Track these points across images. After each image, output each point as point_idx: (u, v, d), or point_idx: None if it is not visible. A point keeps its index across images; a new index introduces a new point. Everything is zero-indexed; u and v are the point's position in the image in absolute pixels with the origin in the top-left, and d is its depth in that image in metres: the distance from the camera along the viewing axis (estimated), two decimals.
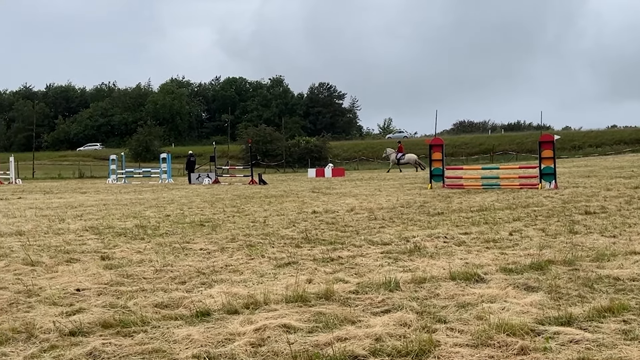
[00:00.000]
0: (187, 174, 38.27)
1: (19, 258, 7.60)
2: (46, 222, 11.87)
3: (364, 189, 22.48)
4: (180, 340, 4.17)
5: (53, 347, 4.07)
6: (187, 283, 6.07)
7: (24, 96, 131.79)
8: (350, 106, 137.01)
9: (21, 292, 5.74)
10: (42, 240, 9.32)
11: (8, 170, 39.29)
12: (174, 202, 17.82)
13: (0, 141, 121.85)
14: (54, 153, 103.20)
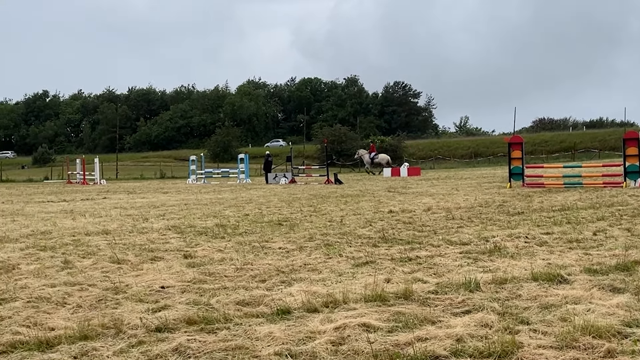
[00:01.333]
0: (265, 174, 38.78)
1: (106, 256, 7.88)
2: (130, 221, 12.26)
3: (440, 188, 22.26)
4: (262, 337, 4.24)
5: (140, 343, 4.21)
6: (267, 281, 6.16)
7: (108, 99, 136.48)
8: (426, 105, 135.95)
9: (109, 289, 5.95)
10: (127, 239, 9.62)
11: (93, 172, 40.73)
12: (252, 201, 18.10)
13: (85, 143, 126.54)
14: (136, 154, 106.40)
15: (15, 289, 5.94)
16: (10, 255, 8.01)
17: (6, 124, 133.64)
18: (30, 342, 4.24)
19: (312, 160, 69.84)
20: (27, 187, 33.76)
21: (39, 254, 8.14)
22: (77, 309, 5.19)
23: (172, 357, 3.91)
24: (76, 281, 6.32)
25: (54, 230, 10.78)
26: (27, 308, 5.23)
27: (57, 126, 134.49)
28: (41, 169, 76.08)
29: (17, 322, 4.76)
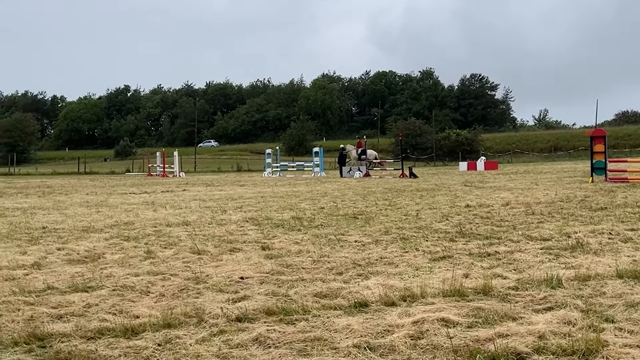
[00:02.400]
0: (339, 168, 38.86)
1: (186, 247, 8.07)
2: (209, 213, 12.51)
3: (519, 183, 21.80)
4: (340, 329, 4.26)
5: (222, 332, 4.29)
6: (344, 274, 6.18)
7: (186, 94, 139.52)
8: (503, 97, 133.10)
9: (190, 278, 6.10)
10: (207, 230, 9.82)
11: (173, 164, 41.72)
12: (327, 194, 18.18)
13: (164, 136, 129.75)
14: (213, 148, 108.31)
15: (102, 278, 6.16)
16: (96, 245, 8.31)
17: (90, 118, 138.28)
18: (116, 329, 4.39)
19: (387, 154, 69.51)
20: (110, 179, 34.88)
21: (122, 244, 8.40)
22: (160, 298, 5.34)
23: (253, 346, 3.98)
24: (159, 271, 6.50)
25: (137, 221, 11.10)
26: (113, 296, 5.41)
27: (138, 120, 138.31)
28: (122, 162, 78.49)
29: (104, 310, 4.94)
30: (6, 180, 34.08)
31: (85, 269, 6.68)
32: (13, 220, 11.54)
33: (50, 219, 11.56)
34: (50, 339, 4.19)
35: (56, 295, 5.43)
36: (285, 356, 3.79)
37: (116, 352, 3.93)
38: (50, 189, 22.76)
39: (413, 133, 78.20)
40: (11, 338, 4.19)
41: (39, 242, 8.72)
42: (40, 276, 6.27)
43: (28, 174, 48.67)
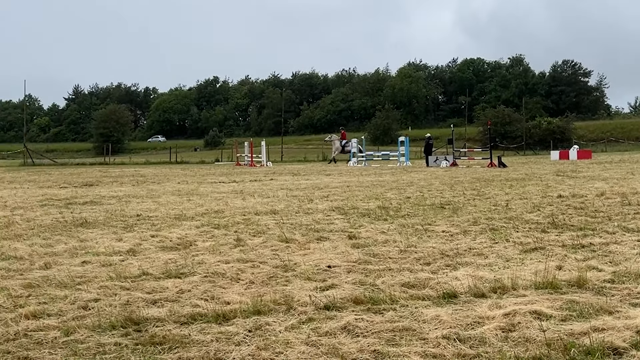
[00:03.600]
0: (425, 157, 38.48)
1: (274, 235, 8.18)
2: (296, 202, 12.63)
3: (614, 172, 21.00)
4: (429, 320, 4.23)
5: (310, 320, 4.33)
6: (431, 264, 6.12)
7: (273, 84, 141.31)
8: (597, 84, 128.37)
9: (279, 266, 6.18)
10: (294, 219, 9.92)
11: (260, 154, 42.33)
12: (413, 184, 18.03)
13: (252, 127, 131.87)
14: (299, 137, 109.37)
15: (193, 264, 6.32)
16: (188, 233, 8.53)
17: (180, 109, 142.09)
18: (208, 314, 4.50)
19: (474, 143, 68.35)
20: (200, 169, 35.73)
21: (213, 232, 8.60)
22: (249, 285, 5.43)
23: (341, 334, 4.00)
24: (248, 258, 6.61)
25: (226, 210, 11.33)
26: (205, 282, 5.54)
27: (227, 110, 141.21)
28: (212, 152, 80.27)
29: (196, 296, 5.06)
30: (102, 169, 35.48)
31: (177, 255, 6.88)
32: (109, 208, 11.99)
33: (144, 207, 11.95)
34: (145, 323, 4.34)
35: (150, 281, 5.62)
36: (373, 345, 3.78)
37: (208, 337, 4.02)
38: (144, 178, 23.51)
39: (502, 121, 76.62)
40: (109, 322, 4.36)
41: (134, 229, 9.02)
42: (136, 262, 6.49)
43: (122, 163, 50.46)
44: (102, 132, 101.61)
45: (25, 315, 4.53)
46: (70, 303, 4.88)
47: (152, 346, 3.89)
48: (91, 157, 78.39)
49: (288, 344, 3.85)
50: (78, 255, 6.96)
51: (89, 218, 10.28)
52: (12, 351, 3.83)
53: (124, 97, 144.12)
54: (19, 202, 13.38)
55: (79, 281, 5.65)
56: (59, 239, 8.18)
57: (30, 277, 5.83)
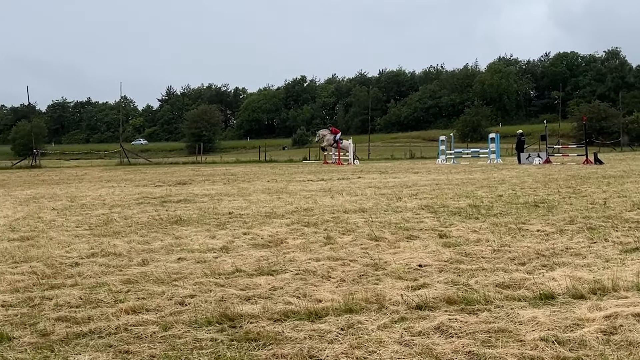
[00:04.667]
0: (517, 154, 37.57)
1: (364, 233, 8.16)
2: (385, 200, 12.57)
3: None
4: (525, 321, 4.11)
5: (403, 319, 4.30)
6: (527, 264, 5.96)
7: (360, 82, 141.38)
8: None
9: (369, 265, 6.16)
10: (383, 217, 9.88)
11: (347, 152, 42.39)
12: (504, 182, 17.64)
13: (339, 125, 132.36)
14: (386, 135, 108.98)
15: (285, 262, 6.39)
16: (279, 230, 8.63)
17: (269, 108, 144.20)
18: (300, 312, 4.53)
19: (568, 139, 66.26)
20: (289, 167, 36.13)
21: (303, 230, 8.66)
22: (340, 283, 5.44)
23: (435, 335, 3.94)
24: (338, 256, 6.63)
25: (315, 208, 11.40)
26: (296, 280, 5.59)
27: (314, 109, 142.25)
28: (299, 150, 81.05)
29: (288, 293, 5.11)
30: (194, 168, 36.40)
31: (269, 253, 6.97)
32: (202, 206, 12.28)
33: (235, 205, 12.18)
34: (240, 319, 4.41)
35: (244, 278, 5.71)
36: (468, 346, 3.72)
37: (301, 334, 4.05)
38: (234, 177, 23.97)
39: (597, 117, 73.99)
40: (205, 317, 4.45)
41: (226, 226, 9.21)
42: (229, 259, 6.62)
43: (213, 162, 51.61)
44: (193, 131, 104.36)
45: (125, 310, 4.69)
46: (168, 299, 5.02)
47: (247, 342, 3.95)
48: (183, 156, 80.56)
49: (381, 343, 3.83)
50: (174, 252, 7.16)
51: (183, 216, 10.56)
52: (114, 345, 3.97)
53: (214, 98, 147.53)
54: (117, 200, 13.89)
55: (175, 277, 5.81)
56: (155, 236, 8.44)
57: (129, 273, 6.03)
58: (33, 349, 3.91)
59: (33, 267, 6.42)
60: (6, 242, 8.18)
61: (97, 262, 6.64)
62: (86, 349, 3.89)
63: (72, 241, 8.08)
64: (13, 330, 4.28)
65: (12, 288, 5.54)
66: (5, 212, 11.82)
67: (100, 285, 5.54)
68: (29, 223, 10.11)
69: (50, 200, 14.41)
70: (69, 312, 4.69)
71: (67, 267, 6.43)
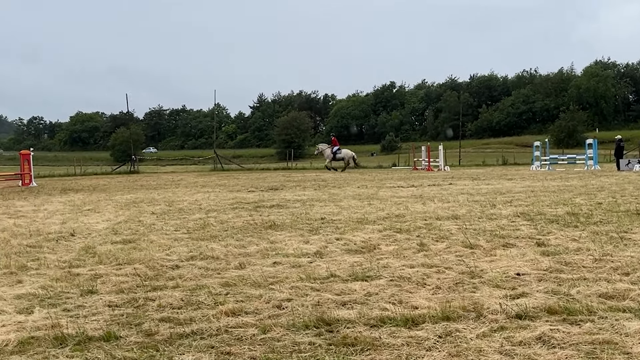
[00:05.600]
0: (616, 160, 36.17)
1: (458, 240, 8.06)
2: (478, 207, 12.37)
3: None
4: (632, 333, 3.97)
5: (502, 328, 4.22)
6: (631, 275, 5.74)
7: (450, 87, 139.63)
8: None
9: (464, 272, 6.08)
10: (477, 224, 9.72)
11: (437, 158, 41.95)
12: (604, 189, 17.02)
13: (428, 131, 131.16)
14: (477, 141, 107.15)
15: (379, 268, 6.39)
16: (371, 236, 8.64)
17: (358, 114, 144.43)
18: (396, 318, 4.52)
19: None
20: (378, 173, 36.04)
21: (395, 236, 8.64)
22: (436, 290, 5.40)
23: (536, 345, 3.86)
24: (432, 263, 6.57)
25: (407, 214, 11.34)
26: (391, 286, 5.58)
27: (403, 115, 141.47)
28: (388, 156, 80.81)
29: (384, 299, 5.11)
30: (285, 174, 36.85)
31: (362, 258, 6.99)
32: (294, 211, 12.43)
33: (327, 211, 12.27)
34: (336, 324, 4.45)
35: (338, 283, 5.75)
36: (572, 358, 3.62)
37: (399, 341, 4.05)
38: (325, 182, 24.14)
39: None
40: (302, 321, 4.51)
41: (319, 232, 9.29)
42: (323, 264, 6.68)
43: (304, 168, 52.12)
44: (284, 138, 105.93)
45: (225, 312, 4.81)
46: (265, 302, 5.12)
47: (345, 347, 3.98)
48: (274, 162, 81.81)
49: (481, 352, 3.78)
50: (269, 256, 7.29)
51: (277, 221, 10.72)
52: (215, 346, 4.08)
53: (304, 104, 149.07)
54: (212, 205, 14.25)
55: (271, 281, 5.91)
56: (250, 240, 8.61)
57: (227, 276, 6.18)
58: (139, 348, 4.07)
59: (136, 269, 6.67)
60: (109, 244, 8.54)
61: (196, 265, 6.84)
62: (189, 349, 4.02)
63: (171, 244, 8.36)
64: (120, 330, 4.47)
65: (117, 289, 5.78)
66: (107, 216, 12.33)
67: (200, 288, 5.71)
68: (130, 226, 10.51)
69: (149, 204, 14.93)
70: (172, 313, 4.85)
71: (168, 270, 6.65)
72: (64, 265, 7.02)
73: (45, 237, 9.35)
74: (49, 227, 10.53)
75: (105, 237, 9.31)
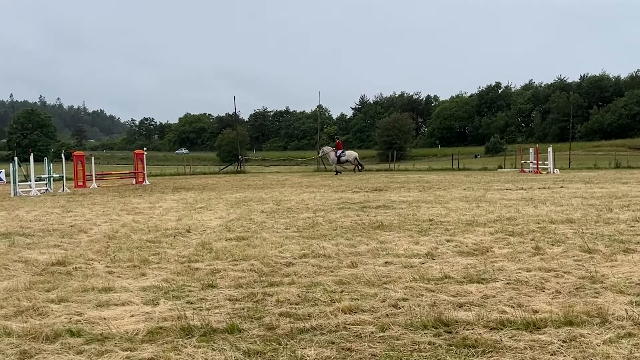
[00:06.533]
0: None
1: (575, 245, 7.81)
2: (594, 211, 11.92)
3: None
4: None
5: (630, 335, 4.08)
6: None
7: (559, 88, 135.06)
8: None
9: (584, 277, 5.89)
10: (594, 228, 9.38)
11: (546, 161, 40.70)
12: None
13: (535, 132, 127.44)
14: (587, 143, 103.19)
15: (494, 270, 6.29)
16: (482, 239, 8.50)
17: (461, 115, 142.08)
18: (517, 321, 4.45)
19: None
20: (483, 176, 35.35)
21: (508, 239, 8.46)
22: (556, 295, 5.27)
23: None
24: (550, 267, 6.41)
25: (518, 217, 11.07)
26: (508, 289, 5.49)
27: (508, 116, 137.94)
28: (492, 158, 79.00)
29: (502, 302, 5.04)
30: (388, 175, 36.73)
31: (476, 261, 6.89)
32: (401, 212, 12.39)
33: (434, 212, 12.15)
34: (455, 325, 4.42)
35: (453, 284, 5.71)
36: None
37: (520, 344, 3.98)
38: (429, 184, 23.90)
39: None
40: (420, 321, 4.51)
41: (428, 233, 9.23)
42: (436, 265, 6.64)
43: (406, 169, 51.77)
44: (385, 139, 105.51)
45: (341, 309, 4.88)
46: (381, 301, 5.15)
47: (465, 348, 3.95)
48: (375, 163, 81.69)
49: (608, 358, 3.67)
50: (380, 256, 7.31)
51: (384, 221, 10.73)
52: (336, 342, 4.15)
53: (406, 106, 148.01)
54: (319, 205, 14.41)
55: (384, 280, 5.94)
56: (360, 239, 8.66)
57: (340, 275, 6.26)
58: (262, 341, 4.19)
59: (252, 265, 6.86)
60: (224, 241, 8.80)
61: (309, 263, 6.96)
62: (311, 344, 4.10)
63: (283, 242, 8.52)
64: (242, 323, 4.61)
65: (235, 284, 5.96)
66: (219, 214, 12.71)
67: (315, 285, 5.80)
68: (242, 224, 10.79)
69: (258, 203, 15.27)
70: (290, 309, 4.96)
71: (282, 266, 6.80)
72: (183, 260, 7.31)
73: (163, 233, 9.75)
74: (166, 224, 10.96)
75: (219, 233, 9.60)
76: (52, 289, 5.89)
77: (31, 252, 8.10)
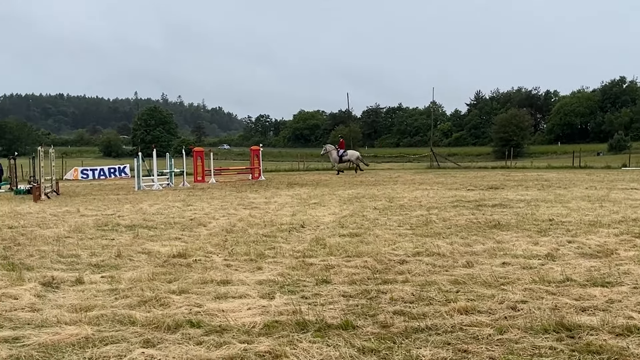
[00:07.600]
0: None
1: None
2: None
3: None
4: None
5: None
6: None
7: None
8: None
9: None
10: None
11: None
12: None
13: None
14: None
15: (620, 274, 5.98)
16: (607, 240, 8.11)
17: (582, 111, 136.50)
18: None
19: None
20: (607, 174, 33.78)
21: (634, 241, 8.04)
22: None
23: None
24: None
25: None
26: (635, 294, 5.21)
27: (633, 112, 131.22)
28: (616, 156, 75.33)
29: (628, 307, 4.79)
30: (504, 173, 35.80)
31: (599, 263, 6.59)
32: (519, 211, 12.03)
33: (554, 212, 11.71)
34: (578, 330, 4.24)
35: (575, 287, 5.47)
36: None
37: None
38: (548, 182, 23.07)
39: None
40: (540, 324, 4.35)
41: (548, 233, 8.90)
42: (556, 267, 6.39)
43: (524, 167, 50.29)
44: (501, 136, 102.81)
45: (457, 309, 4.78)
46: (498, 302, 5.01)
47: (589, 355, 3.78)
48: (491, 160, 79.80)
49: None
50: (497, 256, 7.13)
51: (501, 220, 10.45)
52: (452, 343, 4.07)
53: (524, 101, 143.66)
54: (432, 202, 14.23)
55: (502, 281, 5.77)
56: (475, 239, 8.48)
57: (455, 274, 6.14)
58: (376, 339, 4.17)
59: (365, 262, 6.85)
60: (337, 237, 8.85)
61: (423, 261, 6.88)
62: (426, 344, 4.04)
63: (396, 239, 8.47)
64: (356, 320, 4.61)
65: (349, 280, 5.98)
66: (332, 210, 12.80)
67: (429, 284, 5.73)
68: (355, 220, 10.81)
69: (371, 200, 15.26)
70: (404, 307, 4.92)
71: (395, 264, 6.75)
72: (297, 255, 7.40)
73: (279, 228, 9.93)
74: (281, 219, 11.16)
75: (332, 229, 9.67)
76: (174, 280, 6.12)
77: (154, 244, 8.46)
